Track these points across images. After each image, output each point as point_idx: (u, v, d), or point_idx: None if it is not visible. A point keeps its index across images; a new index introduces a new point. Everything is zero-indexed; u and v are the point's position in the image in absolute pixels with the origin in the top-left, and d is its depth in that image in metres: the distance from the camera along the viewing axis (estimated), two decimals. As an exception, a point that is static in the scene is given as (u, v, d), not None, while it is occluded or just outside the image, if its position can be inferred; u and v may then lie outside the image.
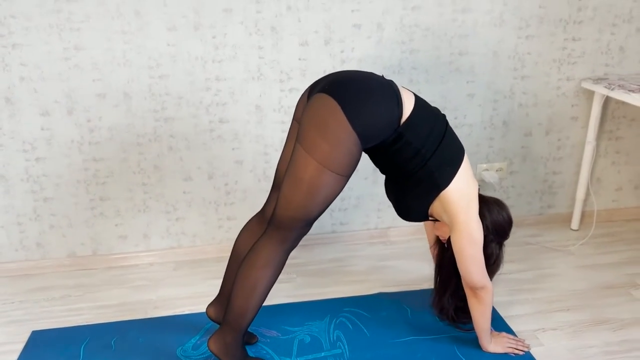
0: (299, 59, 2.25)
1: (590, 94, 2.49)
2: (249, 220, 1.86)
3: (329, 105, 1.52)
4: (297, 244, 1.67)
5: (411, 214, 1.79)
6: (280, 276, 2.27)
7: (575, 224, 2.67)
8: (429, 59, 2.33)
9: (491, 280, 1.80)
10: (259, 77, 2.25)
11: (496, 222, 1.78)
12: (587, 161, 2.54)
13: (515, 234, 2.62)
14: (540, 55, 2.40)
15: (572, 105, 2.52)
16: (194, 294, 2.20)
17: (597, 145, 2.58)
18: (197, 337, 1.93)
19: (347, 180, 1.60)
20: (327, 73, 2.26)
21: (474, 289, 1.74)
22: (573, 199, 2.68)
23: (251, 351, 1.86)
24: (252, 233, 1.79)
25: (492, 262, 1.80)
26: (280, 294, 2.17)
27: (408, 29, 2.27)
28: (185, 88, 2.21)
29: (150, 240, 2.43)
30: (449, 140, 1.69)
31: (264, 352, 1.86)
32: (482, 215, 1.74)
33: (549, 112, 2.51)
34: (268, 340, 1.91)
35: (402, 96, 1.60)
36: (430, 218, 1.77)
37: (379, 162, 1.76)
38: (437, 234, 1.87)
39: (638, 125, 2.60)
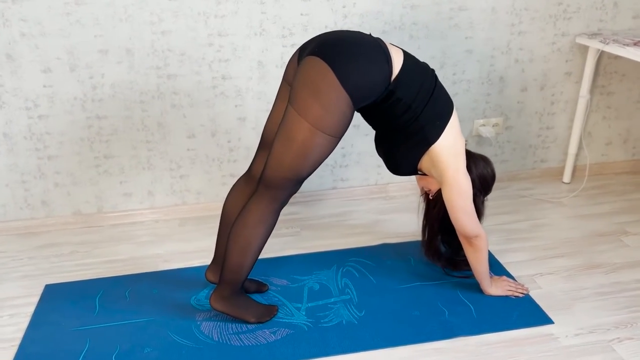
0: (301, 14, 2.25)
1: (584, 50, 2.54)
2: (236, 181, 1.88)
3: (320, 68, 1.54)
4: (288, 201, 1.70)
5: (401, 168, 1.83)
6: (286, 230, 2.36)
7: (567, 177, 2.76)
8: (429, 14, 2.35)
9: None
10: (261, 33, 2.25)
11: (481, 175, 1.85)
12: (579, 115, 2.62)
13: (509, 187, 2.74)
14: (537, 10, 2.44)
15: (567, 61, 2.57)
16: (202, 248, 2.25)
17: (589, 100, 2.65)
18: (210, 287, 1.98)
19: (339, 141, 1.63)
20: (328, 28, 2.29)
21: (469, 238, 1.82)
22: (565, 154, 2.76)
23: (263, 299, 1.92)
24: (241, 193, 1.82)
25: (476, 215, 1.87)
26: (286, 247, 2.24)
27: (409, -16, 2.29)
28: (187, 44, 2.21)
29: (155, 197, 2.45)
30: (439, 95, 1.72)
31: (276, 299, 1.92)
32: (468, 169, 1.79)
33: (544, 67, 2.57)
34: (279, 288, 1.98)
35: (391, 54, 1.63)
36: (419, 172, 1.83)
37: (370, 118, 1.79)
38: (421, 185, 1.93)
39: (629, 80, 2.67)
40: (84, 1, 2.07)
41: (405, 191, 2.68)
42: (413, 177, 2.64)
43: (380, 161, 2.60)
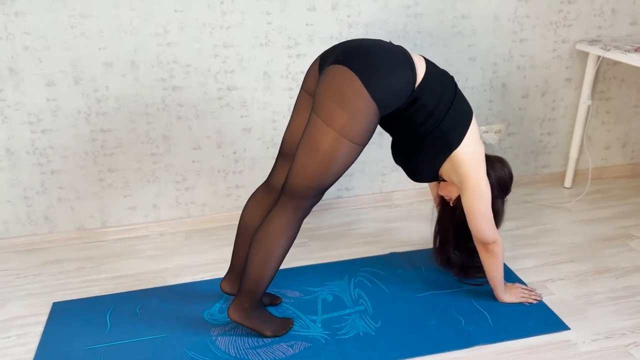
0: (307, 25, 2.25)
1: (583, 56, 2.57)
2: (255, 191, 1.86)
3: (346, 76, 1.53)
4: (310, 211, 1.70)
5: (422, 175, 1.84)
6: (294, 241, 2.33)
7: (568, 182, 2.78)
8: (433, 22, 2.36)
9: None
10: (267, 43, 2.24)
11: (500, 178, 1.85)
12: (580, 121, 2.64)
13: (513, 193, 2.71)
14: (538, 17, 2.47)
15: (567, 67, 2.60)
16: (210, 260, 2.22)
17: (590, 106, 2.68)
18: (222, 301, 1.96)
19: (363, 149, 1.62)
20: (334, 38, 2.29)
21: (486, 244, 1.82)
22: (566, 159, 2.79)
23: (277, 311, 1.90)
24: (259, 204, 1.80)
25: (497, 218, 1.88)
26: (297, 258, 2.22)
27: (413, -7, 2.30)
28: (193, 55, 2.19)
29: (160, 210, 2.42)
30: (459, 101, 1.74)
31: (290, 312, 1.91)
32: (487, 173, 1.80)
33: (545, 74, 2.59)
34: (292, 300, 1.96)
35: (414, 60, 1.63)
36: (439, 178, 1.83)
37: (391, 126, 1.78)
38: (442, 194, 1.93)
39: (627, 85, 2.71)
40: (89, 14, 2.05)
41: (410, 199, 2.68)
42: (418, 185, 2.65)
43: (384, 169, 2.61)
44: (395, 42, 2.34)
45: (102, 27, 2.07)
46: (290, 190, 1.63)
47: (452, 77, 1.76)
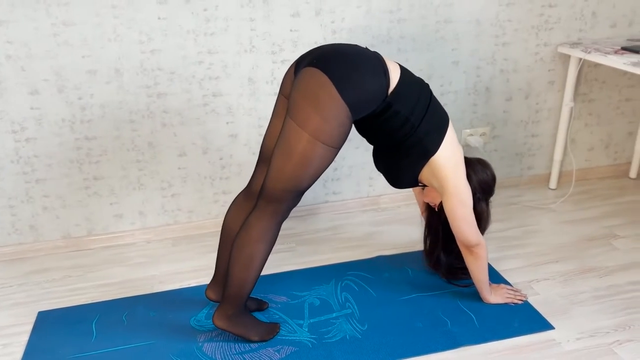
0: (291, 30, 2.26)
1: (565, 59, 2.60)
2: (236, 197, 1.87)
3: (319, 79, 1.55)
4: (288, 215, 1.70)
5: (402, 181, 1.85)
6: (281, 246, 2.35)
7: (553, 183, 2.81)
8: (416, 27, 2.39)
9: (483, 236, 1.89)
10: (251, 50, 2.25)
11: (482, 180, 1.88)
12: (564, 123, 2.67)
13: (498, 195, 2.76)
14: (520, 22, 2.50)
15: (549, 70, 2.63)
16: (197, 267, 2.22)
17: (573, 108, 2.71)
18: (209, 307, 1.96)
19: (338, 152, 1.64)
20: (318, 44, 2.30)
21: (469, 247, 1.84)
22: (550, 160, 2.82)
23: (264, 316, 1.90)
24: (241, 209, 1.81)
25: (483, 219, 1.90)
26: (283, 263, 2.22)
27: (396, -2, 2.32)
28: (177, 62, 2.20)
29: (146, 217, 2.42)
30: (435, 108, 1.75)
31: (277, 316, 1.91)
32: (468, 176, 1.82)
33: (528, 77, 2.62)
34: (279, 305, 1.96)
35: (388, 67, 1.65)
36: (420, 184, 1.85)
37: (368, 132, 1.80)
38: (427, 200, 1.95)
39: (609, 87, 2.74)
40: (72, 22, 2.05)
41: (397, 202, 2.70)
42: (404, 190, 2.66)
43: (371, 173, 2.62)
44: (379, 47, 2.38)
45: (85, 35, 2.07)
46: (267, 194, 1.63)
47: (427, 85, 1.78)
